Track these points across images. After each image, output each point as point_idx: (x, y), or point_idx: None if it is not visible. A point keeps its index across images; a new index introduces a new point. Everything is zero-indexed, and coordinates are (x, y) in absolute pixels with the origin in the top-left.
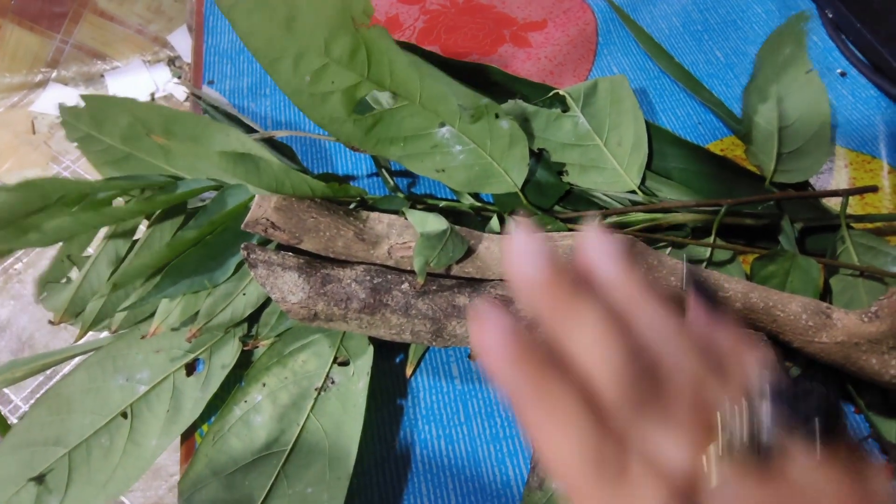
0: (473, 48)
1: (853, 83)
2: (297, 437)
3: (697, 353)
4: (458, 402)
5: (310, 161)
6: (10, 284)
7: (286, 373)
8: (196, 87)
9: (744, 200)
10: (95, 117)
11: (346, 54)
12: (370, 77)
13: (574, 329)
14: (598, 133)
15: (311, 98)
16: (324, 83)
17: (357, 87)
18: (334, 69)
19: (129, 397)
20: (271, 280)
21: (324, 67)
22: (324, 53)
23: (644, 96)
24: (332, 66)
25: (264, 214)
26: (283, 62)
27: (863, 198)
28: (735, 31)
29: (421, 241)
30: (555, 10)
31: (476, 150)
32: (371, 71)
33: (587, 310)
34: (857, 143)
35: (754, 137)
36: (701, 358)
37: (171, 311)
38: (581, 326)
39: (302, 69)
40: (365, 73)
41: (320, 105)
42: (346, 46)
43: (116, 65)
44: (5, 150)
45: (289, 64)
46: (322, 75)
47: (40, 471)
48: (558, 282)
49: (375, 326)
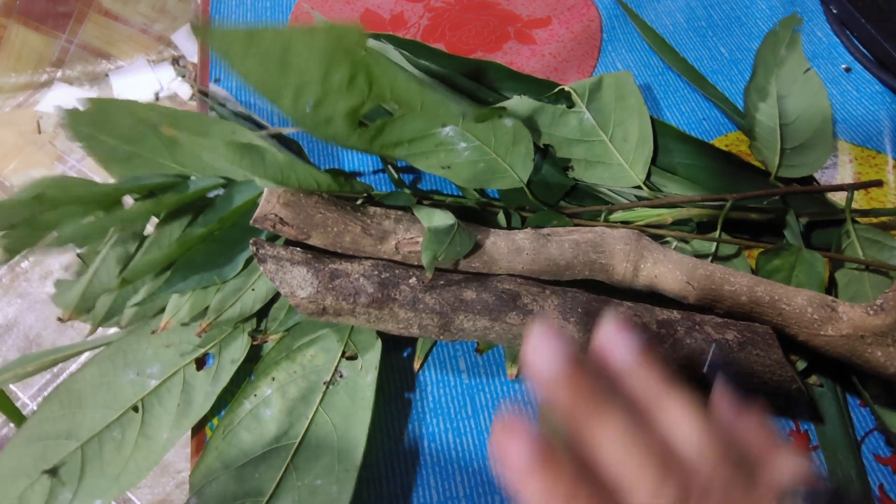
0: (478, 45)
1: (858, 78)
2: (306, 430)
3: (725, 452)
4: (466, 396)
5: (317, 157)
6: (17, 283)
7: (295, 367)
8: (203, 86)
9: (749, 195)
10: (97, 120)
11: (345, 82)
12: (371, 97)
13: (598, 430)
14: (604, 129)
15: (315, 124)
16: (326, 109)
17: (359, 108)
18: (335, 96)
19: (139, 392)
20: (280, 275)
21: (325, 95)
22: (322, 85)
23: (649, 92)
24: (332, 94)
25: (272, 210)
26: (283, 97)
27: (868, 192)
28: (739, 27)
29: (429, 236)
30: (559, 6)
31: (481, 147)
32: (372, 92)
33: (610, 409)
34: (861, 139)
35: (757, 134)
36: (729, 457)
37: (181, 306)
38: (605, 428)
39: (303, 100)
40: (366, 95)
41: (325, 127)
42: (345, 74)
43: (121, 64)
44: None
45: (289, 97)
46: (323, 103)
47: (53, 464)
48: (579, 379)
49: (383, 321)
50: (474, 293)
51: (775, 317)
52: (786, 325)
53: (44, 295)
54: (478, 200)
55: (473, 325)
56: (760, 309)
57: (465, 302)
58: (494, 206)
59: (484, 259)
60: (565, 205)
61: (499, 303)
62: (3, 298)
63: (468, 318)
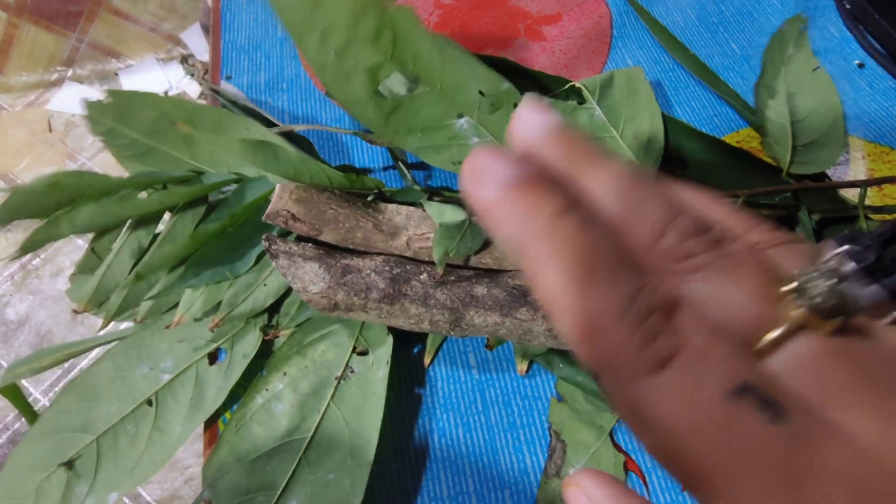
0: (488, 42)
1: (871, 74)
2: (317, 424)
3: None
4: (476, 391)
5: (328, 154)
6: (29, 280)
7: (306, 362)
8: (214, 83)
9: (761, 191)
10: (120, 112)
11: (372, 33)
12: (394, 57)
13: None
14: (615, 125)
15: (335, 75)
16: (349, 60)
17: (380, 67)
18: (359, 46)
19: (153, 386)
20: (292, 270)
21: (349, 43)
22: (348, 31)
23: (659, 89)
24: (358, 42)
25: (285, 206)
26: (311, 37)
27: (881, 188)
28: (751, 22)
29: (440, 232)
30: (569, 3)
31: (493, 143)
32: (395, 52)
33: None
34: (874, 135)
35: (768, 130)
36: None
37: (194, 301)
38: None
39: (329, 44)
40: (389, 53)
41: (344, 83)
42: (372, 25)
43: (130, 63)
44: (22, 147)
45: (316, 38)
46: (348, 52)
47: (70, 456)
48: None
49: (395, 316)
50: (485, 289)
51: None
52: None
53: (55, 292)
54: None
55: (484, 321)
56: None
57: (476, 297)
58: None
59: (495, 255)
60: None
61: (509, 298)
62: (14, 295)
63: (479, 313)
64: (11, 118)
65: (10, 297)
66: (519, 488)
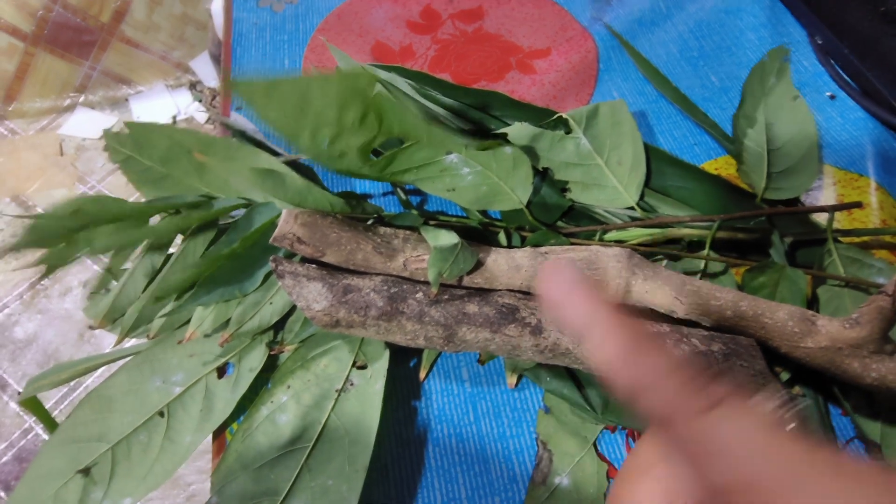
0: (482, 75)
1: (841, 105)
2: (319, 434)
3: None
4: (468, 404)
5: (330, 181)
6: (38, 299)
7: (309, 376)
8: (224, 115)
9: (736, 216)
10: (137, 141)
11: (357, 121)
12: (381, 133)
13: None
14: (600, 153)
15: (329, 159)
16: (340, 146)
17: (370, 143)
18: (348, 134)
19: (165, 398)
20: (297, 290)
21: (338, 134)
22: (336, 125)
23: (643, 118)
24: (346, 132)
25: (291, 230)
26: (302, 137)
27: (850, 213)
28: (730, 56)
29: (435, 254)
30: (558, 38)
31: (483, 172)
32: (382, 128)
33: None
34: (845, 162)
35: (745, 158)
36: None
37: (204, 318)
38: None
39: (319, 139)
40: (376, 131)
41: (339, 162)
42: (357, 114)
43: (140, 89)
44: (34, 171)
45: (307, 137)
46: (338, 140)
47: (86, 464)
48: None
49: (392, 332)
50: (476, 307)
51: (759, 330)
52: (769, 338)
53: (63, 311)
54: (480, 221)
55: (475, 337)
56: (745, 322)
57: (468, 315)
58: (496, 225)
59: (486, 275)
60: (563, 224)
61: (499, 316)
62: (23, 314)
63: (470, 330)
64: (24, 142)
65: (18, 315)
66: (508, 495)
